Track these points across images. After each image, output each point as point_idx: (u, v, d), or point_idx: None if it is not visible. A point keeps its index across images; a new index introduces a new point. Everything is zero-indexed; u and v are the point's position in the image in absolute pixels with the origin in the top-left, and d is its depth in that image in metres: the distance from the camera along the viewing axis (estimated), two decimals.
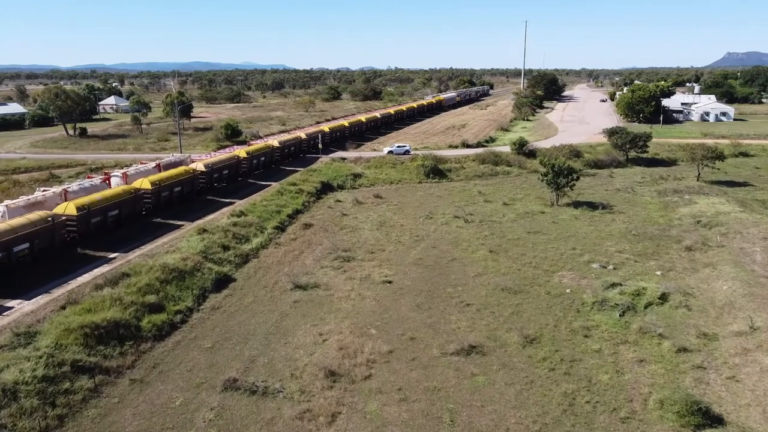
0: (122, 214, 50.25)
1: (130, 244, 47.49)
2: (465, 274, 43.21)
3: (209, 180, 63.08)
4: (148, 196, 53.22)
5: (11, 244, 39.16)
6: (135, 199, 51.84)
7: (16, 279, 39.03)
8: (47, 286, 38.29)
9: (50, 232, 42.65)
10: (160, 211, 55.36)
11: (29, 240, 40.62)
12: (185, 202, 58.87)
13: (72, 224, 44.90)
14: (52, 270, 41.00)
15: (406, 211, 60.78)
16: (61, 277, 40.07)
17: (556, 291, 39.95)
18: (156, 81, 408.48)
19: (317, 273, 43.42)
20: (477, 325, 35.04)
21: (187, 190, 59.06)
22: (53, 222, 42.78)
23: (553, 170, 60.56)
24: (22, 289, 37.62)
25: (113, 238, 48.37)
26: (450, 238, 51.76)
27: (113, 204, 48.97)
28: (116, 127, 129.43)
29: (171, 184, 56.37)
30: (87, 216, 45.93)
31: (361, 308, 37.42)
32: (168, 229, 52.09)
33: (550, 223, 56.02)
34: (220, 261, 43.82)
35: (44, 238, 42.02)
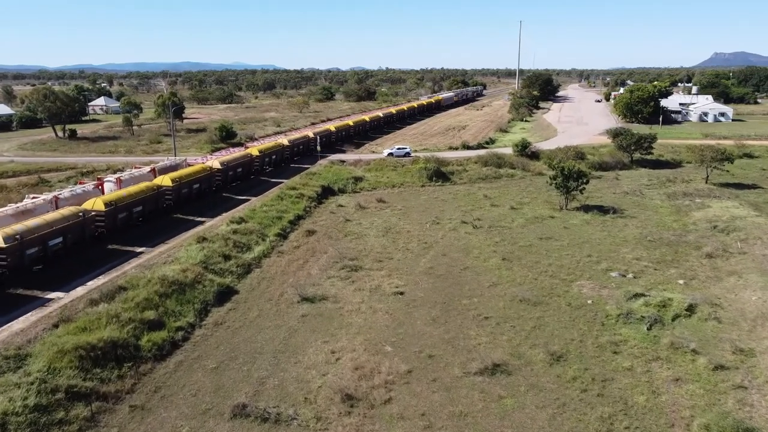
0: (146, 210, 51.49)
1: (155, 239, 48.64)
2: (479, 284, 41.22)
3: (225, 177, 64.21)
4: (170, 193, 54.59)
5: (47, 238, 40.59)
6: (157, 195, 53.06)
7: (52, 272, 40.52)
8: (83, 279, 39.67)
9: (81, 227, 44.02)
10: (180, 207, 56.66)
11: (63, 234, 42.00)
12: (203, 198, 60.32)
13: (100, 219, 46.21)
14: (86, 263, 42.42)
15: (411, 216, 58.73)
16: (94, 270, 41.34)
17: (577, 302, 38.05)
18: (145, 81, 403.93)
19: (324, 284, 41.27)
20: (498, 340, 33.03)
21: (205, 187, 60.64)
22: (84, 217, 44.14)
23: (562, 173, 58.72)
24: (60, 282, 38.79)
25: (138, 234, 49.59)
26: (460, 245, 49.77)
27: (138, 200, 50.25)
28: (106, 128, 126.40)
29: (190, 181, 57.57)
30: (114, 212, 47.39)
31: (374, 322, 35.31)
32: (190, 225, 52.87)
33: (562, 229, 54.17)
34: (221, 272, 41.56)
35: (76, 232, 43.43)
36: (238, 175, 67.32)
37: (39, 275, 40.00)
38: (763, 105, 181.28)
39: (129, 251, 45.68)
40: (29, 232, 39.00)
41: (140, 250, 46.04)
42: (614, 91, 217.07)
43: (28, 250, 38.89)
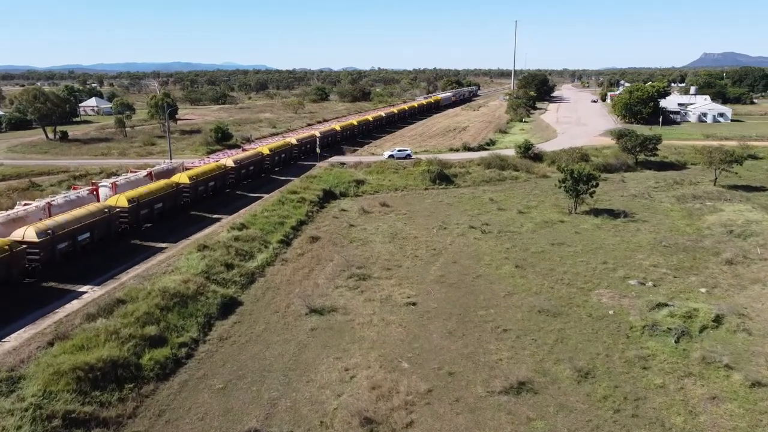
0: (165, 206, 52.83)
1: (177, 234, 49.84)
2: (494, 294, 39.53)
3: (238, 175, 65.86)
4: (187, 190, 55.87)
5: (76, 233, 41.95)
6: (176, 193, 54.48)
7: (81, 265, 41.73)
8: (113, 272, 40.94)
9: (107, 223, 45.43)
10: (197, 204, 58.11)
11: (90, 230, 43.39)
12: (217, 196, 62.15)
13: (124, 216, 47.35)
14: (113, 258, 43.79)
15: (417, 221, 56.99)
16: (124, 263, 42.80)
17: (598, 313, 36.44)
18: (137, 82, 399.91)
19: (332, 294, 39.44)
20: (520, 355, 31.34)
21: (220, 184, 62.52)
22: (109, 213, 45.47)
23: (572, 176, 57.17)
24: (90, 276, 40.15)
25: (160, 230, 50.82)
26: (469, 252, 48.08)
27: (158, 197, 51.61)
28: (98, 130, 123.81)
29: (206, 179, 59.29)
30: (137, 208, 48.64)
31: (387, 336, 33.53)
32: (207, 222, 54.04)
33: (573, 234, 52.62)
34: (224, 282, 39.63)
35: (102, 228, 44.83)
36: (250, 173, 68.92)
37: (69, 269, 41.00)
38: (760, 105, 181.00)
39: (152, 246, 47.00)
40: (60, 227, 40.52)
41: (163, 245, 47.27)
42: (610, 91, 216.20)
43: (59, 244, 40.38)
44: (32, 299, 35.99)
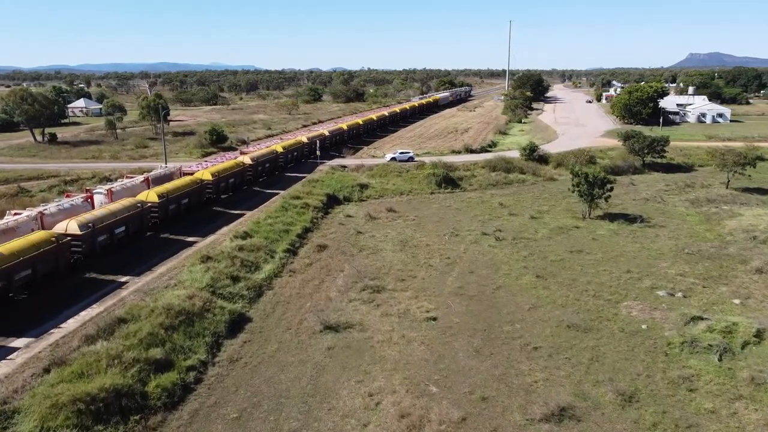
0: (191, 202, 54.45)
1: (202, 229, 51.34)
2: (518, 307, 37.35)
3: (255, 172, 67.35)
4: (210, 186, 57.41)
5: (113, 227, 43.50)
6: (200, 189, 56.06)
7: (119, 259, 43.23)
8: (149, 264, 42.53)
9: (140, 217, 46.84)
10: (218, 200, 59.85)
11: (125, 223, 44.99)
12: (237, 192, 63.90)
13: (155, 210, 48.72)
14: (148, 251, 45.37)
15: (426, 228, 54.73)
16: (158, 255, 44.38)
17: (631, 328, 34.37)
18: (124, 82, 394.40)
19: (346, 308, 37.07)
20: (555, 376, 29.15)
21: (239, 181, 64.13)
22: (142, 208, 46.89)
23: (586, 180, 55.15)
24: (128, 268, 41.51)
25: (185, 225, 52.16)
26: (485, 261, 45.90)
27: (184, 193, 53.08)
28: (88, 132, 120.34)
29: (227, 176, 60.77)
30: (166, 203, 50.07)
31: (410, 356, 31.23)
32: (230, 217, 55.46)
33: (590, 240, 50.61)
34: (230, 296, 37.13)
35: (135, 222, 46.26)
36: (266, 170, 70.84)
37: (108, 261, 42.55)
38: (756, 105, 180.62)
39: (182, 240, 48.39)
40: (99, 220, 42.31)
41: (192, 239, 48.63)
42: (604, 91, 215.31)
43: (99, 237, 42.16)
44: (84, 287, 38.16)
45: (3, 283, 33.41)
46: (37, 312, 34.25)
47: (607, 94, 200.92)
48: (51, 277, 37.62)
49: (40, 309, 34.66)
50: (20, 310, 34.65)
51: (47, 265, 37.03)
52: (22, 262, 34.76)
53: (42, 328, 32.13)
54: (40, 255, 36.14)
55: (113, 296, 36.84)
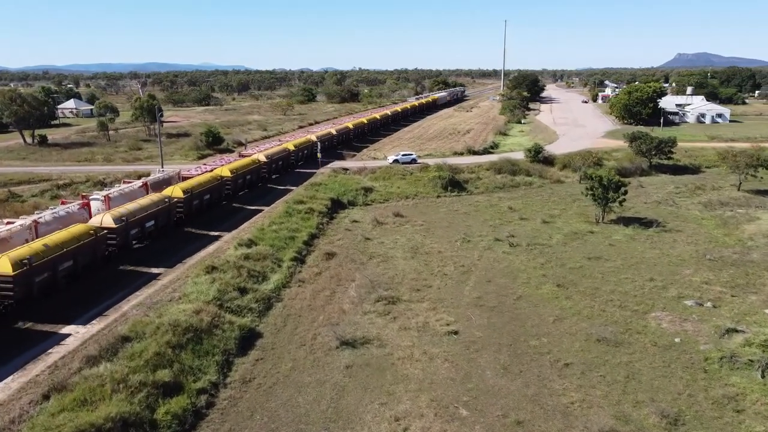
0: (212, 198, 55.84)
1: (223, 224, 52.69)
2: (541, 319, 35.54)
3: (269, 169, 69.41)
4: (229, 183, 58.99)
5: (144, 221, 44.75)
6: (221, 185, 57.54)
7: (151, 251, 44.97)
8: (178, 256, 43.90)
9: (167, 211, 48.15)
10: (236, 196, 61.55)
11: (155, 218, 46.21)
12: (252, 189, 65.48)
13: (180, 205, 50.02)
14: (174, 244, 46.69)
15: (436, 233, 52.85)
16: (186, 248, 45.84)
17: (663, 341, 32.66)
18: (113, 82, 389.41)
19: (362, 321, 35.10)
20: (592, 396, 27.33)
21: (254, 178, 65.88)
22: (169, 203, 48.17)
23: (600, 184, 53.49)
24: (162, 259, 43.15)
25: (208, 219, 53.62)
26: (501, 268, 44.09)
27: (206, 189, 54.37)
28: (79, 133, 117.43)
29: (244, 173, 62.42)
30: (190, 198, 51.43)
31: (435, 374, 29.32)
32: (248, 212, 56.90)
33: (607, 246, 48.95)
34: (239, 310, 35.05)
35: (164, 216, 47.55)
36: (279, 168, 73.09)
37: (140, 253, 44.40)
38: (753, 105, 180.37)
39: (206, 234, 49.72)
40: (132, 214, 43.52)
41: (215, 233, 49.93)
42: (600, 91, 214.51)
43: (132, 230, 43.44)
44: (120, 280, 39.36)
45: (49, 274, 34.84)
46: (83, 301, 35.62)
47: (603, 94, 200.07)
48: (89, 269, 39.00)
49: (85, 297, 36.12)
50: (66, 297, 36.03)
51: (86, 257, 38.43)
52: (66, 254, 36.11)
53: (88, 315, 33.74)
54: (80, 247, 37.42)
55: (149, 286, 38.37)
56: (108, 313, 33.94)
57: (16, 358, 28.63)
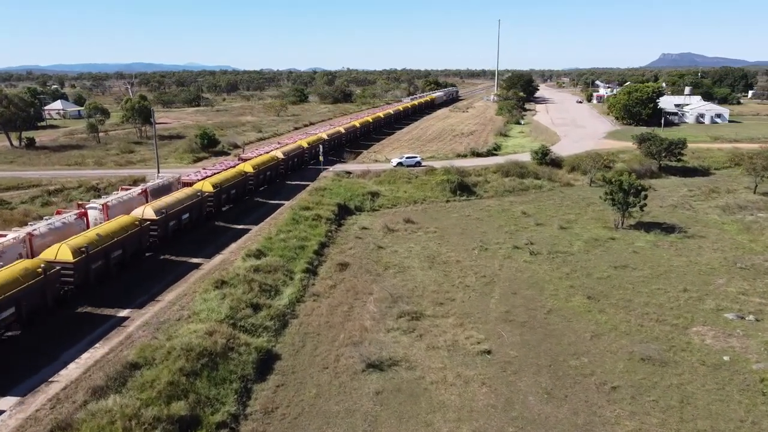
0: (237, 193, 58.65)
1: (252, 216, 55.25)
2: (577, 335, 33.29)
3: (287, 166, 72.73)
4: (252, 178, 62.40)
5: (180, 214, 46.95)
6: (245, 180, 60.33)
7: (186, 242, 46.86)
8: (212, 248, 45.90)
9: (200, 205, 50.47)
10: (258, 191, 65.24)
11: (189, 211, 48.34)
12: (271, 184, 68.42)
13: (210, 200, 52.44)
14: (206, 237, 48.75)
15: (451, 240, 50.50)
16: (218, 240, 48.01)
17: (711, 360, 30.52)
18: (99, 83, 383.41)
19: (386, 340, 32.62)
20: (648, 425, 25.10)
21: (274, 173, 69.03)
22: (201, 197, 50.53)
23: (620, 188, 51.42)
24: (198, 250, 44.98)
25: (234, 214, 56.22)
26: (525, 279, 41.82)
27: (232, 184, 56.94)
28: (67, 136, 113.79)
29: (264, 168, 65.61)
30: (220, 193, 53.91)
31: (473, 401, 26.92)
32: (271, 207, 58.78)
33: (631, 254, 46.87)
34: (253, 329, 32.43)
35: (196, 209, 49.70)
36: (295, 165, 76.50)
37: (178, 245, 45.91)
38: (748, 105, 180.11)
39: (234, 228, 51.78)
40: (170, 207, 45.47)
41: (240, 227, 51.87)
42: (593, 91, 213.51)
43: (171, 222, 45.42)
44: (163, 267, 41.52)
45: (103, 261, 36.93)
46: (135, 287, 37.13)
47: (598, 94, 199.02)
48: (136, 258, 41.30)
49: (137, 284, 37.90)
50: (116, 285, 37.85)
51: (133, 247, 40.54)
52: (116, 243, 38.22)
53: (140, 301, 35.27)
54: (128, 237, 39.60)
55: (190, 276, 39.84)
56: (110, 336, 31.19)
57: (13, 388, 25.86)
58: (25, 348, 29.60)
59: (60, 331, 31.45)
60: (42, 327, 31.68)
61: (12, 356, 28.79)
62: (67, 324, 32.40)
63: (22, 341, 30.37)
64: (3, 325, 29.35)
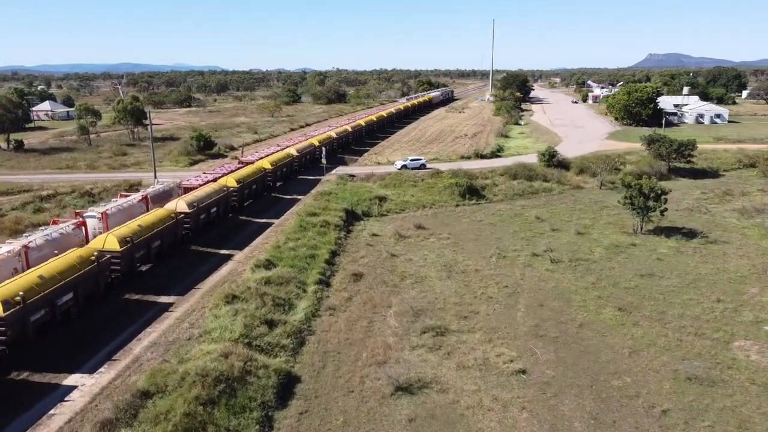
0: (258, 188, 60.95)
1: (275, 210, 57.56)
2: (615, 352, 31.30)
3: (300, 162, 75.22)
4: (270, 174, 64.39)
5: (210, 207, 49.15)
6: (264, 176, 62.61)
7: (214, 234, 48.98)
8: (237, 240, 47.82)
9: (226, 200, 52.62)
10: (276, 186, 67.02)
11: (217, 205, 50.63)
12: (287, 180, 70.63)
13: (235, 194, 54.45)
14: (231, 230, 50.75)
15: (466, 248, 48.41)
16: (243, 233, 49.87)
17: (762, 378, 28.71)
18: (86, 83, 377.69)
19: (412, 359, 30.45)
20: None
21: (289, 170, 71.33)
22: (227, 192, 52.59)
23: (641, 192, 49.61)
24: (225, 241, 47.21)
25: (256, 209, 58.17)
26: (550, 289, 39.81)
27: (254, 180, 59.17)
28: (57, 137, 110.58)
29: (282, 165, 68.04)
30: (242, 188, 56.06)
31: (515, 428, 24.87)
32: (290, 202, 60.80)
33: (656, 261, 45.03)
34: (269, 348, 30.14)
35: (223, 203, 52.06)
36: (308, 162, 78.15)
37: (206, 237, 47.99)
38: (744, 105, 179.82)
39: (255, 221, 53.50)
40: (200, 201, 47.58)
41: (262, 221, 53.71)
42: (589, 91, 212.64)
43: (201, 215, 47.54)
44: (201, 256, 44.08)
45: (145, 251, 39.05)
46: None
47: (593, 94, 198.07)
48: (172, 248, 43.38)
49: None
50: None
51: (170, 238, 42.53)
52: (156, 234, 40.16)
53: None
54: (165, 228, 41.61)
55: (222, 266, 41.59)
56: (118, 357, 28.78)
57: (8, 426, 23.39)
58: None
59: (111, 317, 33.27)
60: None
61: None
62: (115, 311, 34.22)
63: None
64: (63, 309, 31.19)
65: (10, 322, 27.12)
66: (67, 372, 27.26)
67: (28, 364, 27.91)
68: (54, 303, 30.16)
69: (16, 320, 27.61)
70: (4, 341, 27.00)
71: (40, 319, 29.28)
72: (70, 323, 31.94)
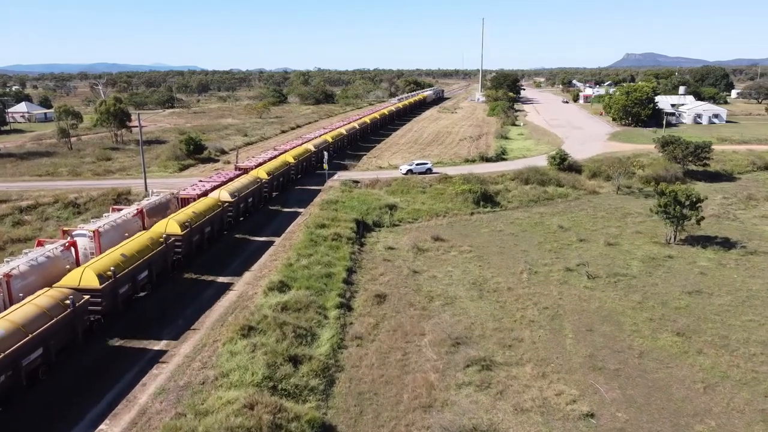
0: (284, 180, 64.19)
1: (301, 202, 59.40)
2: (687, 388, 27.70)
3: (316, 158, 76.49)
4: (294, 168, 67.98)
5: (247, 197, 51.93)
6: (289, 170, 66.07)
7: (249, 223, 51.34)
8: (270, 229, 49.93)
9: (260, 191, 55.65)
10: (297, 180, 69.71)
11: (252, 195, 53.39)
12: (306, 173, 73.16)
13: (266, 186, 57.47)
14: (266, 221, 52.89)
15: (492, 262, 44.64)
16: (274, 224, 52.34)
17: None
18: (63, 84, 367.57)
19: (460, 401, 26.52)
20: None
21: (307, 165, 73.78)
22: (260, 183, 55.50)
23: (676, 200, 46.28)
24: (261, 231, 49.46)
25: (288, 198, 61.62)
26: (594, 310, 36.18)
27: (280, 173, 62.23)
28: (35, 141, 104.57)
29: (302, 159, 71.43)
30: (272, 180, 59.38)
31: None
32: (312, 193, 63.10)
33: (699, 276, 41.70)
34: (297, 392, 25.96)
35: (257, 194, 55.05)
36: (320, 158, 76.76)
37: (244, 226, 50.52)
38: (737, 105, 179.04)
39: (283, 211, 56.44)
40: (239, 191, 50.41)
41: (291, 210, 56.70)
42: (579, 91, 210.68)
43: (241, 204, 50.41)
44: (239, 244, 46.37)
45: (199, 236, 42.14)
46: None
47: (584, 94, 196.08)
48: (219, 234, 46.29)
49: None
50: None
51: (217, 224, 45.38)
52: (207, 221, 43.15)
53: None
54: (214, 216, 44.67)
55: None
56: (119, 410, 24.34)
57: None
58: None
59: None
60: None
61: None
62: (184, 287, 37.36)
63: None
64: (139, 286, 34.31)
65: (105, 293, 30.43)
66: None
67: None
68: (135, 278, 33.65)
69: (110, 292, 30.96)
70: (100, 311, 30.30)
71: (125, 292, 32.69)
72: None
